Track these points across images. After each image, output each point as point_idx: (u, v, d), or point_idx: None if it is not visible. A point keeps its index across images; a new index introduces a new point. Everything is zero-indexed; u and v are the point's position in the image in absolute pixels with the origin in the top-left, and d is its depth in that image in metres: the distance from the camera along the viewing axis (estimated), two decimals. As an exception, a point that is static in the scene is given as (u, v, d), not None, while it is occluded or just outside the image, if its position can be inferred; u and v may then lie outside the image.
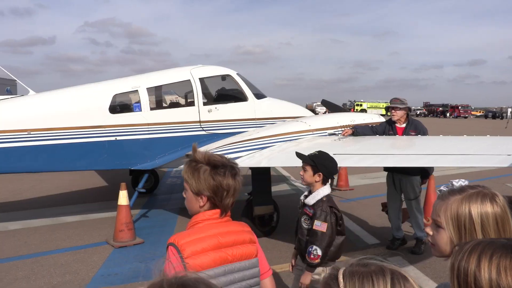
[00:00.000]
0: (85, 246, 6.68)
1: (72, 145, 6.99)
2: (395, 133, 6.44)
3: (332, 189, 11.46)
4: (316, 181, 3.57)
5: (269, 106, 8.98)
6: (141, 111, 7.53)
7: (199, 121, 7.95)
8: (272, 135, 7.18)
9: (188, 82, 8.09)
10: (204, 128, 7.96)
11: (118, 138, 7.30)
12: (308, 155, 3.65)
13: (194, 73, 8.19)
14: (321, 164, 3.56)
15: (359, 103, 72.30)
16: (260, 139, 7.08)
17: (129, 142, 7.40)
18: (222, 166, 2.04)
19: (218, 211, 2.06)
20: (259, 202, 6.85)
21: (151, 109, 7.65)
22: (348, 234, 7.21)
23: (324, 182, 3.60)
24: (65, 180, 11.42)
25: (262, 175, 6.89)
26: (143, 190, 7.99)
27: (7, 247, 6.62)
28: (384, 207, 6.67)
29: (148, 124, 7.54)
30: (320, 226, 3.46)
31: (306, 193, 3.75)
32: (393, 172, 6.45)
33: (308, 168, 3.59)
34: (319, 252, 3.45)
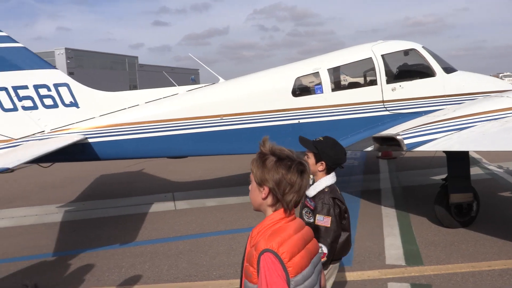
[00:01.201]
0: (273, 225, 6.96)
1: (259, 129, 7.29)
2: None
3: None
4: (319, 170, 3.19)
5: (461, 81, 8.00)
6: (322, 93, 7.44)
7: (382, 101, 7.51)
8: (471, 114, 6.36)
9: (369, 60, 7.69)
10: (387, 108, 7.50)
11: (301, 121, 7.36)
12: (312, 140, 3.26)
13: (375, 50, 7.75)
14: (323, 151, 3.18)
15: (562, 70, 60.56)
16: (456, 119, 6.33)
17: (312, 125, 7.39)
18: (289, 159, 1.95)
19: (282, 209, 1.97)
20: (457, 189, 6.17)
21: (332, 90, 7.51)
22: None
23: (328, 172, 3.21)
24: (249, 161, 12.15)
25: (460, 159, 6.18)
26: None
27: (207, 222, 7.32)
28: None
29: (330, 106, 7.42)
30: (323, 220, 3.06)
31: (310, 182, 3.22)
32: None
33: (311, 156, 3.22)
34: (325, 250, 3.00)
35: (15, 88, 6.76)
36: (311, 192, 3.20)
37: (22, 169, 11.65)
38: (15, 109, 6.84)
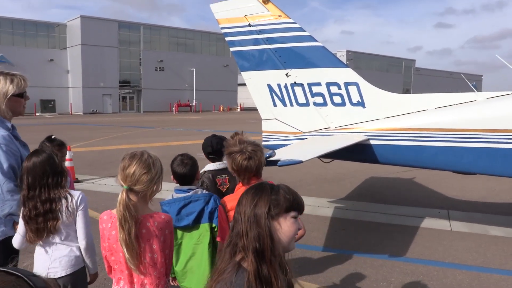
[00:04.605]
0: None
1: None
2: None
3: None
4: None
5: None
6: None
7: None
8: None
9: None
10: None
11: None
12: None
13: None
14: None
15: None
16: None
17: None
18: (234, 152, 2.98)
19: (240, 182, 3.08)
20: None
21: None
22: None
23: (210, 160, 4.13)
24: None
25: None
26: None
27: (491, 255, 6.17)
28: None
29: None
30: None
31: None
32: None
33: None
34: None
35: (310, 85, 7.17)
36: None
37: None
38: (307, 104, 7.28)
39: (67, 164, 10.57)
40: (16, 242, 3.13)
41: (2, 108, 3.34)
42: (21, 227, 3.09)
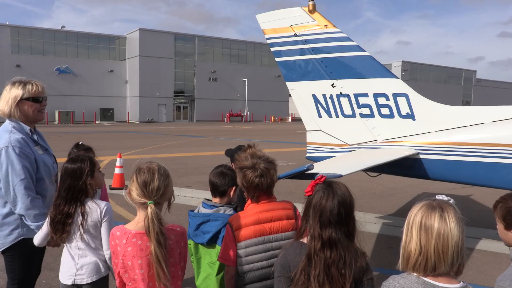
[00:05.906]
0: None
1: None
2: None
3: None
4: None
5: None
6: None
7: None
8: None
9: None
10: None
11: None
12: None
13: None
14: None
15: None
16: None
17: None
18: (246, 168, 2.85)
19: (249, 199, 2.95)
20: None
21: None
22: None
23: None
24: None
25: None
26: None
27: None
28: None
29: None
30: None
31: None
32: None
33: None
34: None
35: (357, 96, 6.93)
36: None
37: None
38: (353, 115, 7.04)
39: (117, 171, 10.91)
40: (37, 238, 3.21)
41: (15, 112, 3.43)
42: (45, 224, 3.15)
